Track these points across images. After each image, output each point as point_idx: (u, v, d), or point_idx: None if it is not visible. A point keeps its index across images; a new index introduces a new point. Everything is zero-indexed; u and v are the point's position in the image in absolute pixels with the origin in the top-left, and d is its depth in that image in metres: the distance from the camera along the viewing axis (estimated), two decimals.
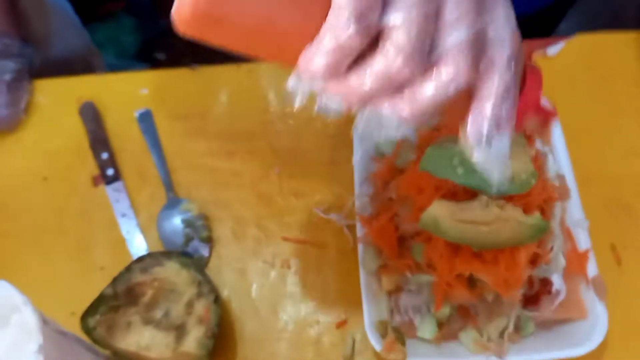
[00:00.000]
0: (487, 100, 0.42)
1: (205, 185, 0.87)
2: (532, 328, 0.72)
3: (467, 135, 0.43)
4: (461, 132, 0.43)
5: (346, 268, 0.79)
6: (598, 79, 0.89)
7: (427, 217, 0.65)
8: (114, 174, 0.87)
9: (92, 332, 0.71)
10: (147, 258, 0.75)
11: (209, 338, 0.71)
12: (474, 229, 0.63)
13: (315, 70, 0.38)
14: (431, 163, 0.66)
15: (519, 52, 0.43)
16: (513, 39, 0.42)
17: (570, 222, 0.74)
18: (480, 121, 0.42)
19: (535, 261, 0.68)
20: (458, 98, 0.41)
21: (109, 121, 0.92)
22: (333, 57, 0.38)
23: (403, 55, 0.37)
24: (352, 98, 0.40)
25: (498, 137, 0.43)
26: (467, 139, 0.43)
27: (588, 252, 0.72)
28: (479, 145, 0.43)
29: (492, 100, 0.41)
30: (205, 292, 0.73)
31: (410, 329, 0.73)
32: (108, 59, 1.50)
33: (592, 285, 0.71)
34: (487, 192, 0.64)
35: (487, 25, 0.41)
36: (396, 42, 0.37)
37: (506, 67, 0.42)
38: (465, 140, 0.43)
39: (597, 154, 0.84)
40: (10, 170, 0.90)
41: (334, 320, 0.77)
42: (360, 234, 0.75)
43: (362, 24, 0.37)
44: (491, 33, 0.41)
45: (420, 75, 0.39)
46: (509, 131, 0.43)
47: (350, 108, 0.41)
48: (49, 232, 0.85)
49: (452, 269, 0.67)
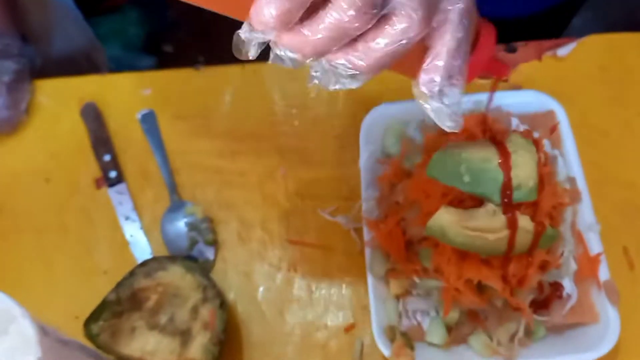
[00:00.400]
0: (440, 53, 0.43)
1: (210, 187, 0.86)
2: (543, 332, 0.71)
3: (420, 87, 0.44)
4: (414, 84, 0.45)
5: (353, 271, 0.79)
6: (611, 79, 0.87)
7: (433, 224, 0.64)
8: (117, 176, 0.86)
9: (95, 338, 0.70)
10: (151, 262, 0.74)
11: (215, 344, 0.70)
12: (481, 236, 0.62)
13: (265, 21, 0.38)
14: (438, 170, 0.65)
15: (471, 7, 0.44)
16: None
17: (581, 226, 0.73)
18: (433, 74, 0.43)
19: (545, 266, 0.67)
20: (413, 51, 0.41)
21: (111, 122, 0.90)
22: (283, 8, 0.37)
23: (355, 7, 0.37)
24: (306, 49, 0.40)
25: (450, 90, 0.44)
26: (420, 90, 0.44)
27: (600, 256, 0.71)
28: (431, 96, 0.44)
29: (445, 54, 0.43)
30: (211, 297, 0.72)
31: (419, 333, 0.72)
32: (113, 51, 1.49)
33: (604, 289, 0.70)
34: (493, 200, 0.63)
35: None
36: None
37: (459, 22, 0.43)
38: (419, 91, 0.44)
39: (609, 155, 0.82)
40: (12, 172, 0.88)
41: (341, 324, 0.76)
42: (367, 238, 0.74)
43: None
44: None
45: (374, 27, 0.39)
46: (461, 84, 0.44)
47: (305, 59, 0.40)
48: (51, 235, 0.84)
49: (460, 275, 0.66)
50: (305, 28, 0.39)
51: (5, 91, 0.88)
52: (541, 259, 0.65)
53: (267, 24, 0.38)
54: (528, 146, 0.64)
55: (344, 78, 0.41)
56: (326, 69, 0.41)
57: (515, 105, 0.79)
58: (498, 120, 0.72)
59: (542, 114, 0.79)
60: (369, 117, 0.81)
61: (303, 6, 0.38)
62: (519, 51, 0.90)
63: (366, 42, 0.40)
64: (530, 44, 0.90)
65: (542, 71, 0.88)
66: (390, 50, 0.40)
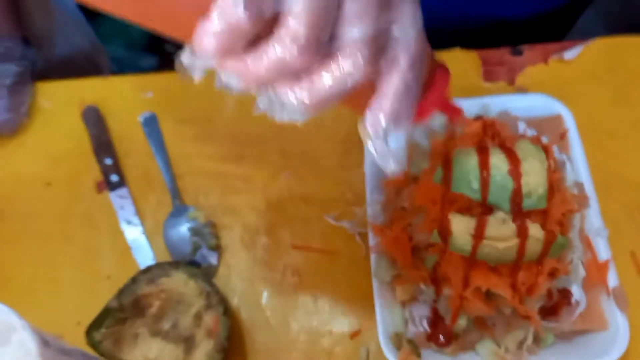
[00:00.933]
0: (386, 97, 0.42)
1: (213, 191, 0.85)
2: (551, 339, 0.70)
3: (365, 127, 0.43)
4: (360, 123, 0.44)
5: (359, 277, 0.78)
6: (617, 82, 0.87)
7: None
8: (119, 180, 0.85)
9: (98, 345, 0.69)
10: (153, 268, 0.73)
11: (219, 352, 0.69)
12: (490, 244, 0.61)
13: (206, 50, 0.37)
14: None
15: (423, 52, 0.43)
16: (418, 39, 0.42)
17: (589, 231, 0.72)
18: (378, 116, 0.42)
19: (554, 274, 0.66)
20: (361, 89, 0.41)
21: (112, 125, 0.90)
22: (223, 38, 0.36)
23: (298, 45, 0.37)
24: (249, 79, 0.39)
25: (395, 132, 0.43)
26: (366, 130, 0.43)
27: (608, 262, 0.70)
28: (375, 138, 0.43)
29: (392, 98, 0.42)
30: (214, 304, 0.71)
31: (426, 339, 0.71)
32: (116, 51, 1.49)
33: (613, 295, 0.69)
34: (502, 207, 0.62)
35: (391, 24, 0.41)
36: (292, 30, 0.36)
37: (408, 67, 0.42)
38: (363, 130, 0.44)
39: (617, 159, 0.82)
40: (13, 176, 0.88)
41: (347, 331, 0.76)
42: (372, 243, 0.73)
43: (252, 9, 0.35)
44: (395, 32, 0.41)
45: (318, 64, 0.39)
46: (407, 127, 0.44)
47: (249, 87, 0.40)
48: (53, 239, 0.83)
49: (467, 283, 0.65)
50: (249, 58, 0.38)
51: (7, 94, 0.87)
52: (551, 266, 0.64)
53: (208, 52, 0.37)
54: (538, 153, 0.63)
55: (290, 110, 0.40)
56: (272, 99, 0.40)
57: (522, 108, 0.79)
58: (506, 126, 0.71)
59: (549, 118, 0.78)
60: None
61: (245, 37, 0.37)
62: (525, 54, 0.89)
63: (311, 79, 0.39)
64: (536, 46, 0.89)
65: (549, 74, 0.88)
66: (335, 90, 0.39)
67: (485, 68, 0.89)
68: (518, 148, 0.63)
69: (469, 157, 0.63)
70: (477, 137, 0.68)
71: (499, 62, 0.89)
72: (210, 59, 0.38)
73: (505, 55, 0.89)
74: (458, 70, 0.89)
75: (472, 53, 0.90)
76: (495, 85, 0.88)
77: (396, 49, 0.41)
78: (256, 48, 0.38)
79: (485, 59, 0.89)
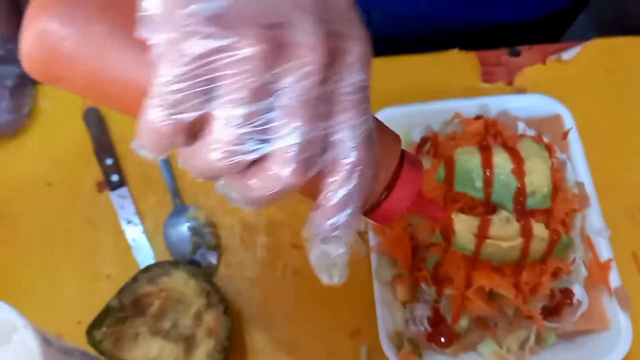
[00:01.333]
0: (324, 204, 0.39)
1: (213, 191, 0.84)
2: (553, 339, 0.70)
3: (306, 229, 0.41)
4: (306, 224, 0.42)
5: (359, 276, 0.77)
6: (615, 82, 0.87)
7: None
8: (119, 180, 0.85)
9: (98, 345, 0.69)
10: (153, 268, 0.73)
11: (219, 351, 0.69)
12: (493, 244, 0.61)
13: (144, 145, 0.36)
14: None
15: (365, 159, 0.39)
16: (365, 142, 0.39)
17: (590, 231, 0.72)
18: (318, 220, 0.40)
19: (557, 273, 0.66)
20: (312, 183, 0.38)
21: (113, 126, 0.89)
22: (154, 137, 0.35)
23: (221, 150, 0.35)
24: (193, 171, 0.38)
25: (334, 241, 0.41)
26: (306, 235, 0.41)
27: (610, 262, 0.70)
28: (314, 245, 0.41)
29: (329, 207, 0.39)
30: (214, 303, 0.71)
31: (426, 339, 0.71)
32: None
33: (615, 295, 0.69)
34: (506, 207, 0.62)
35: (330, 130, 0.38)
36: (216, 136, 0.35)
37: (347, 175, 0.39)
38: (305, 233, 0.41)
39: (616, 159, 0.81)
40: (14, 176, 0.88)
41: (347, 330, 0.75)
42: (373, 243, 0.73)
43: (175, 115, 0.34)
44: (336, 136, 0.38)
45: (247, 168, 0.37)
46: (347, 237, 0.41)
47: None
48: (54, 239, 0.83)
49: (470, 283, 0.65)
50: (188, 151, 0.37)
51: (9, 95, 0.87)
52: (555, 266, 0.64)
53: (146, 147, 0.36)
54: (541, 152, 0.63)
55: (236, 201, 0.39)
56: (223, 185, 0.39)
57: (521, 109, 0.79)
58: (507, 126, 0.71)
59: (548, 119, 0.78)
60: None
61: (175, 137, 0.35)
62: (523, 55, 0.89)
63: (244, 181, 0.37)
64: (534, 47, 0.89)
65: (547, 75, 0.88)
66: (267, 194, 0.37)
67: (483, 69, 0.89)
68: (521, 147, 0.63)
69: (471, 156, 0.63)
70: (479, 136, 0.68)
71: (497, 63, 0.89)
72: (149, 154, 0.37)
73: (503, 56, 0.89)
74: (457, 71, 0.89)
75: (471, 54, 0.90)
76: (493, 86, 0.88)
77: (334, 156, 0.38)
78: (194, 141, 0.36)
79: (483, 60, 0.89)
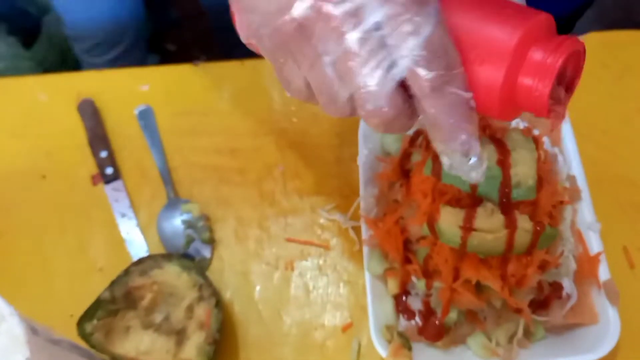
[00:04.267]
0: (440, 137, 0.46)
1: (207, 184, 0.85)
2: (542, 333, 0.70)
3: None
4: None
5: (352, 270, 0.78)
6: (610, 76, 0.87)
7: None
8: (113, 173, 0.85)
9: (89, 337, 0.69)
10: (146, 260, 0.73)
11: (210, 344, 0.69)
12: (479, 236, 0.61)
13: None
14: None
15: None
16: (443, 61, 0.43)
17: (581, 225, 0.72)
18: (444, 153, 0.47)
19: (545, 266, 0.66)
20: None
21: (108, 118, 0.90)
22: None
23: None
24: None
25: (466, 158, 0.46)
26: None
27: (599, 255, 0.70)
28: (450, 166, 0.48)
29: (443, 138, 0.46)
30: (206, 296, 0.71)
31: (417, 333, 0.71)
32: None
33: (604, 289, 0.69)
34: (491, 199, 0.62)
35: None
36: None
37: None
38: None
39: (610, 153, 0.82)
40: (8, 168, 0.88)
41: (339, 324, 0.76)
42: (365, 236, 0.73)
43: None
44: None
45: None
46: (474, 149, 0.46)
47: None
48: (48, 231, 0.83)
49: (457, 275, 0.65)
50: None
51: None
52: (540, 258, 0.64)
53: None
54: (527, 144, 0.63)
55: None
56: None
57: None
58: None
59: None
60: None
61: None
62: None
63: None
64: None
65: None
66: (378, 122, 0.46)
67: None
68: (508, 139, 0.63)
69: None
70: None
71: None
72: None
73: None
74: None
75: None
76: None
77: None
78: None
79: None
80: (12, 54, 1.45)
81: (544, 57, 0.43)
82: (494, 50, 0.43)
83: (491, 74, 0.43)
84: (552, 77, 0.43)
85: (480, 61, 0.43)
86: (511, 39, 0.42)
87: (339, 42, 0.43)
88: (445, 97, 0.43)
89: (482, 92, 0.44)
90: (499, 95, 0.44)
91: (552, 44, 0.43)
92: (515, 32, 0.43)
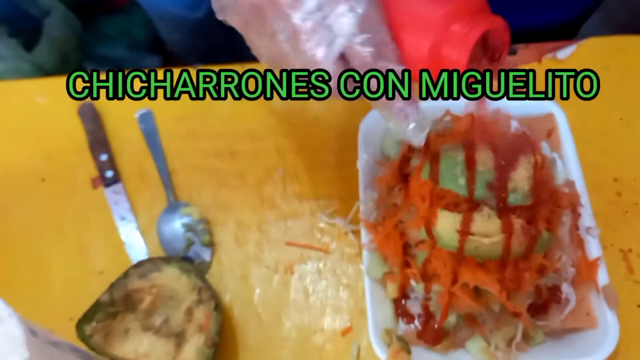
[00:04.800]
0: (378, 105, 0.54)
1: (207, 188, 0.85)
2: (541, 337, 0.70)
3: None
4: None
5: (351, 274, 0.78)
6: (610, 81, 0.86)
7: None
8: (113, 176, 0.85)
9: (88, 339, 0.69)
10: (145, 263, 0.73)
11: (209, 347, 0.69)
12: (476, 240, 0.62)
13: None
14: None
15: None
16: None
17: (580, 229, 0.72)
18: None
19: (543, 271, 0.66)
20: None
21: (108, 122, 0.90)
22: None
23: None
24: None
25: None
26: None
27: (598, 260, 0.70)
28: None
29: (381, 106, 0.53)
30: (206, 299, 0.72)
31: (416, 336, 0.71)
32: (119, 51, 1.50)
33: (602, 294, 0.69)
34: (489, 204, 0.62)
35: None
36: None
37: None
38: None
39: (609, 157, 0.82)
40: (8, 171, 0.88)
41: (338, 328, 0.76)
42: (365, 240, 0.74)
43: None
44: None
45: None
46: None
47: None
48: (47, 234, 0.83)
49: (456, 279, 0.65)
50: None
51: None
52: (538, 263, 0.65)
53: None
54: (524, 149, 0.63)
55: None
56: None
57: (514, 107, 0.78)
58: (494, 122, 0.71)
59: (541, 117, 0.78)
60: (367, 118, 0.80)
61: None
62: (519, 53, 0.89)
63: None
64: (530, 46, 0.89)
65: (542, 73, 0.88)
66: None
67: None
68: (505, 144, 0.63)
69: (455, 152, 0.63)
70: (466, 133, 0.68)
71: None
72: None
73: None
74: None
75: None
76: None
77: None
78: None
79: None
80: (12, 56, 1.45)
81: (463, 31, 0.50)
82: (422, 24, 0.51)
83: (419, 44, 0.51)
84: (469, 48, 0.50)
85: (410, 34, 0.51)
86: (437, 14, 0.51)
87: (287, 22, 0.50)
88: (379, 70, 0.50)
89: (412, 61, 0.52)
90: (426, 64, 0.52)
91: (472, 20, 0.51)
92: (441, 7, 0.51)
